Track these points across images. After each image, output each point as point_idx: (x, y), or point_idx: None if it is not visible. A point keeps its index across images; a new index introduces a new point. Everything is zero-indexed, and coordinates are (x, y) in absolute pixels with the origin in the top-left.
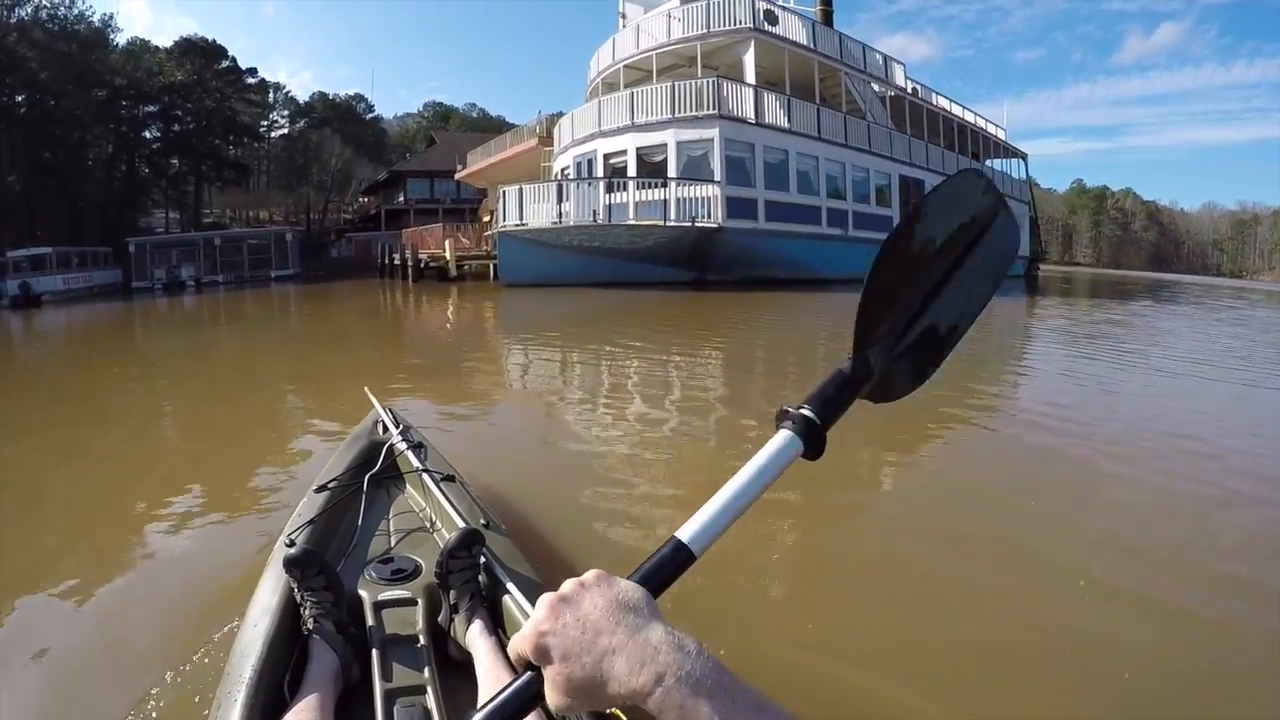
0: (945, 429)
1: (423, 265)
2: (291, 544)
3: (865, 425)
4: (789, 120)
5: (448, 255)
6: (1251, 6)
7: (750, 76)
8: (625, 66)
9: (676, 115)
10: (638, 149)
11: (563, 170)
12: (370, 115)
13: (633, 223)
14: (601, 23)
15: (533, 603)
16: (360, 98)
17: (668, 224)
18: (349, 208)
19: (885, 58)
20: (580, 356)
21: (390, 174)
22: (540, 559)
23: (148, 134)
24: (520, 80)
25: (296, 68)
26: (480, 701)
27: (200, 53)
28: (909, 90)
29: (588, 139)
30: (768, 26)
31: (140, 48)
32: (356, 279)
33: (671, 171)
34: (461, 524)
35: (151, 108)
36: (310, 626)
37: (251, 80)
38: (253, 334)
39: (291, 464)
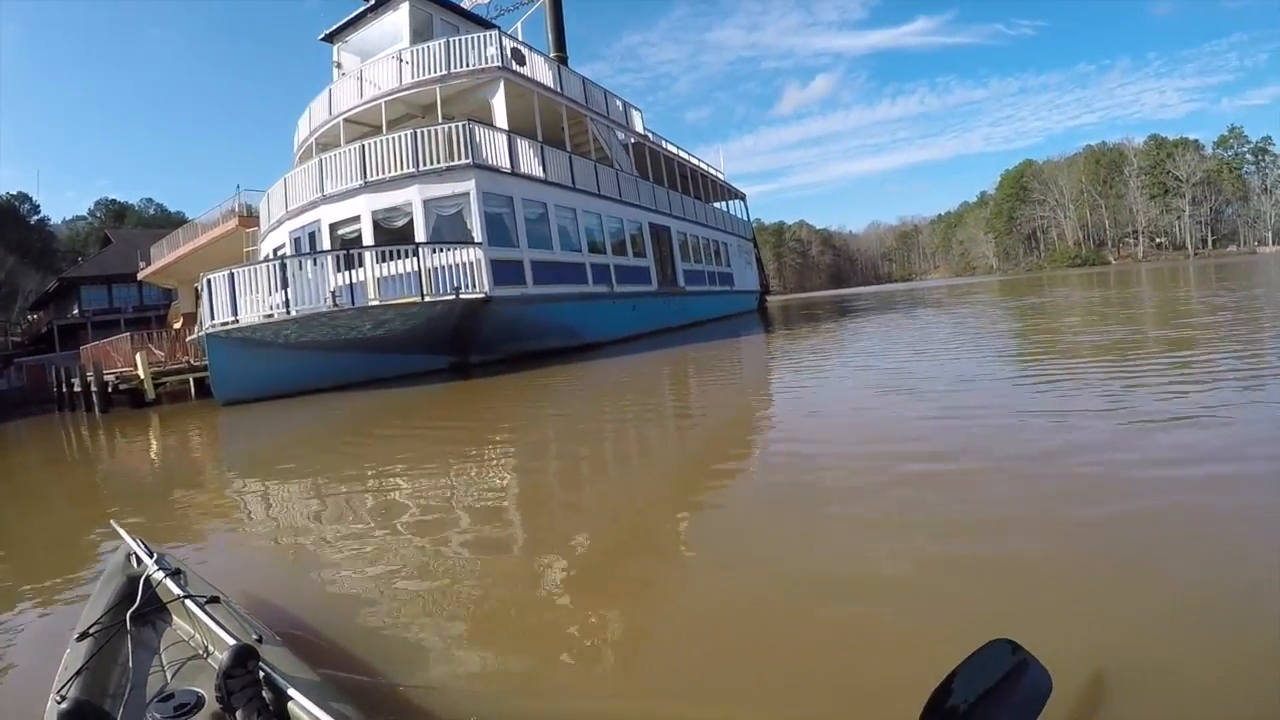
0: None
1: (111, 389)
2: (62, 699)
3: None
4: (544, 170)
5: (141, 373)
6: (891, 54)
7: (501, 121)
8: (346, 121)
9: (422, 169)
10: (374, 213)
11: (275, 250)
12: (36, 218)
13: (383, 302)
14: (293, 100)
15: (321, 707)
16: (25, 197)
17: (426, 299)
18: (16, 328)
19: (625, 104)
20: (337, 487)
21: (61, 282)
22: (321, 664)
23: None
24: (202, 173)
25: None
26: None
27: None
28: (647, 137)
29: (306, 208)
30: (515, 66)
31: None
32: (31, 415)
33: (420, 235)
34: (232, 643)
35: None
36: None
37: None
38: None
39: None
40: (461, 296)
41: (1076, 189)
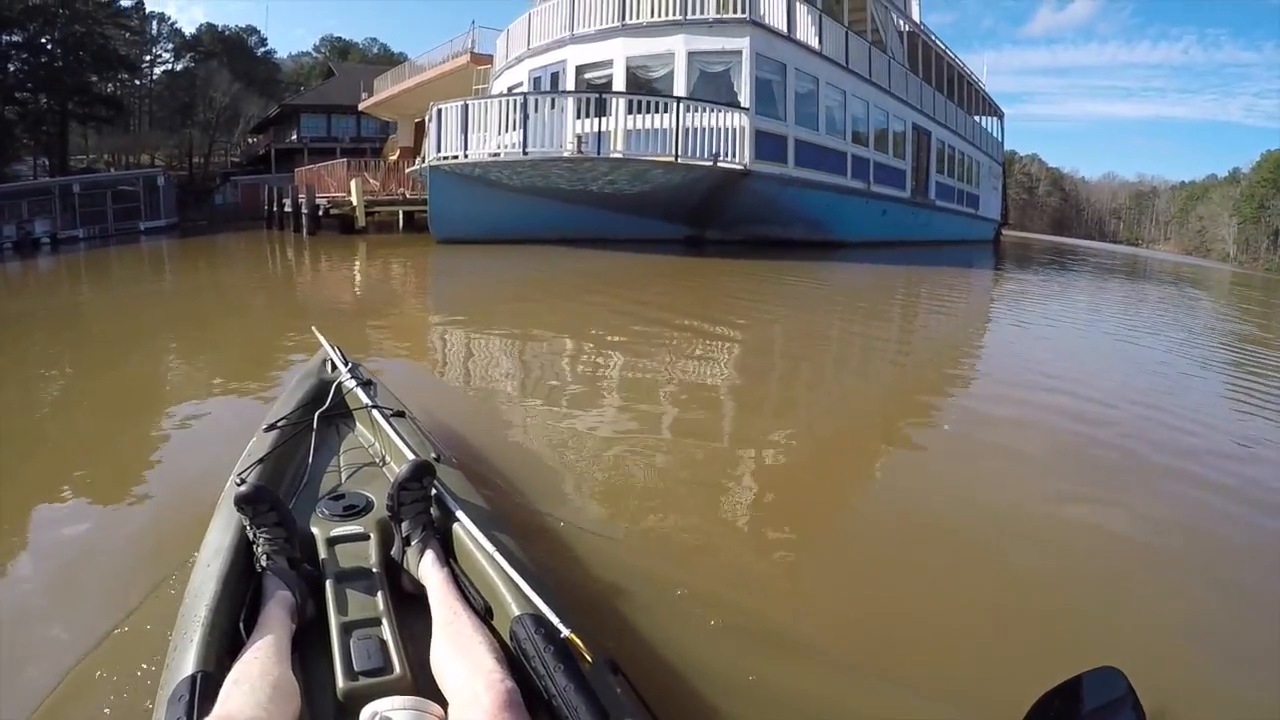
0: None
1: (321, 212)
2: (242, 482)
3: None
4: (820, 41)
5: (354, 199)
6: None
7: None
8: None
9: (689, 17)
10: (629, 59)
11: (511, 89)
12: (263, 50)
13: (632, 156)
14: None
15: (484, 533)
16: (253, 30)
17: (680, 161)
18: (236, 149)
19: None
20: (538, 345)
21: (282, 108)
22: (492, 491)
23: (11, 67)
24: (429, 19)
25: (187, 2)
26: (434, 632)
27: None
28: (920, 27)
29: (551, 46)
30: None
31: None
32: (243, 229)
33: (679, 90)
34: (411, 458)
35: (15, 36)
36: (264, 564)
37: (126, 2)
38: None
39: (232, 405)
40: (719, 164)
41: None
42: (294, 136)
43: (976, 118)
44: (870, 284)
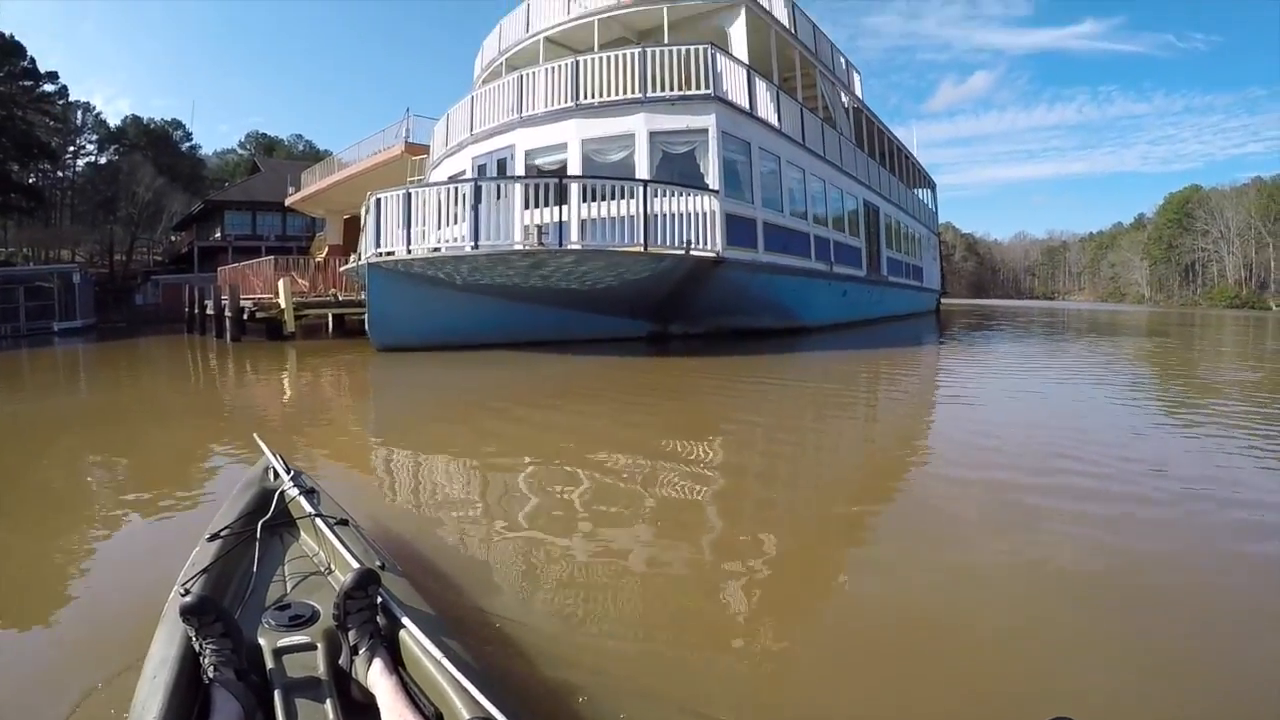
0: None
1: (246, 315)
2: (186, 593)
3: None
4: (779, 119)
5: (282, 301)
6: (1054, 56)
7: (741, 55)
8: (547, 40)
9: (650, 94)
10: (585, 142)
11: (452, 179)
12: (188, 145)
13: (597, 247)
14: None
15: (432, 639)
16: (178, 124)
17: (649, 251)
18: (158, 247)
19: (847, 62)
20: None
21: (206, 204)
22: (438, 598)
23: None
24: (356, 114)
25: (114, 94)
26: None
27: None
28: (863, 104)
29: (498, 131)
30: None
31: None
32: (164, 333)
33: (641, 173)
34: (356, 566)
35: None
36: (211, 675)
37: (50, 88)
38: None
39: (167, 516)
40: (691, 253)
41: (1243, 223)
42: (218, 234)
43: (915, 190)
44: (839, 372)
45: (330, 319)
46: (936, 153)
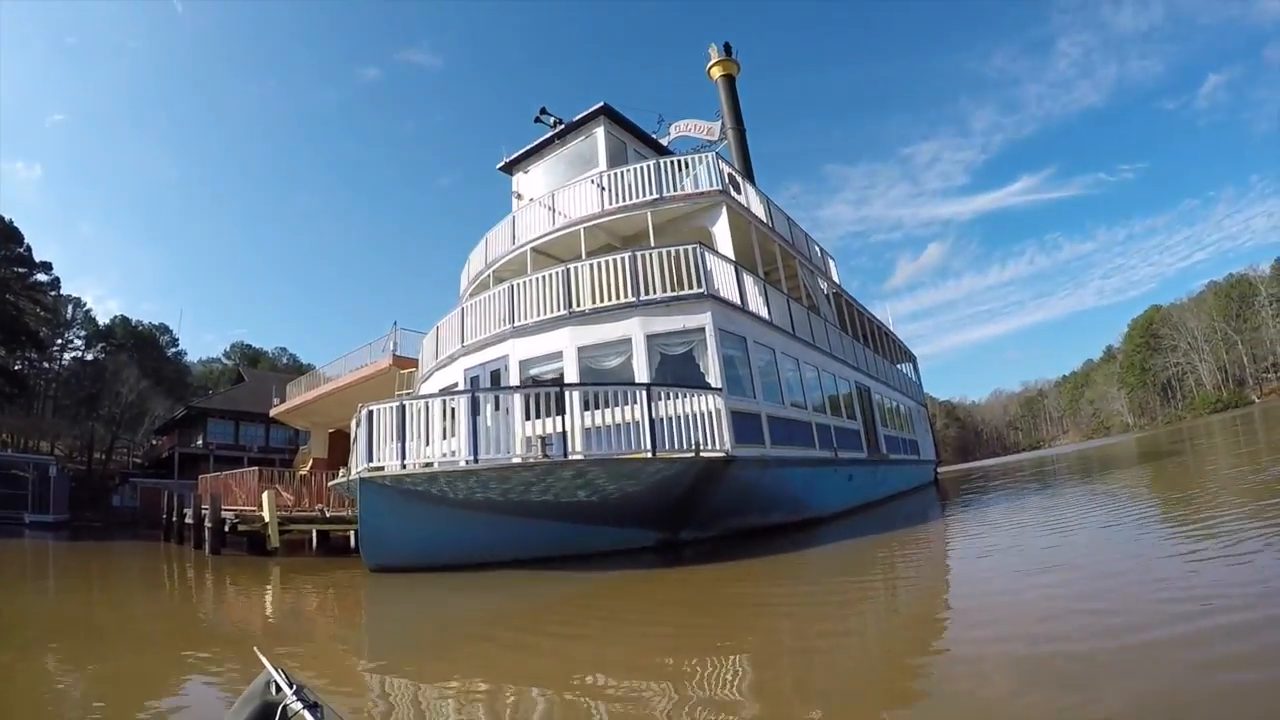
0: None
1: (228, 527)
2: None
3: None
4: (769, 311)
5: (266, 515)
6: (998, 216)
7: (728, 251)
8: (534, 251)
9: (643, 297)
10: (580, 350)
11: (444, 391)
12: (174, 350)
13: (606, 456)
14: (434, 276)
15: None
16: (165, 329)
17: (659, 456)
18: (139, 449)
19: (822, 250)
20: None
21: (189, 410)
22: None
23: None
24: (338, 331)
25: (104, 294)
26: None
27: None
28: (841, 289)
29: (490, 342)
30: (733, 194)
31: None
32: (141, 537)
33: (640, 378)
34: None
35: None
36: None
37: (44, 277)
38: None
39: None
40: (702, 455)
41: (1208, 328)
42: (200, 441)
43: (898, 365)
44: (857, 563)
45: (315, 535)
46: (904, 327)
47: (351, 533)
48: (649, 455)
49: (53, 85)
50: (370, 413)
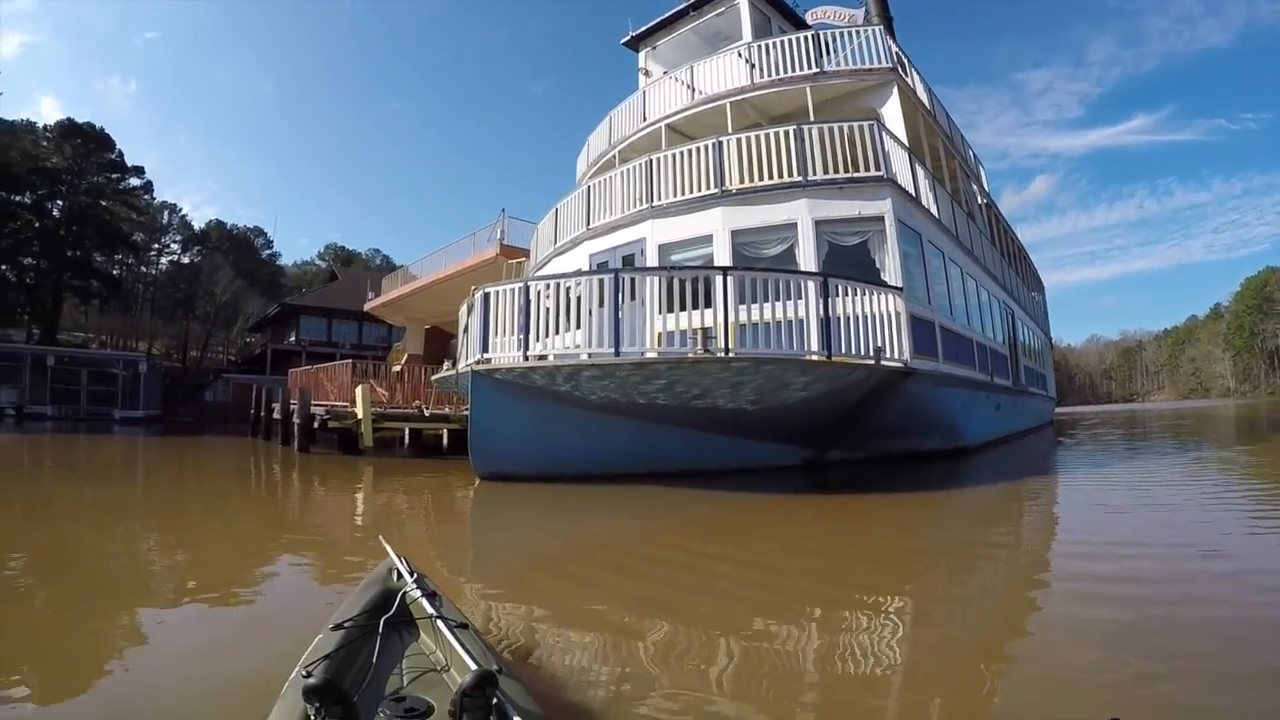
0: None
1: (318, 424)
2: (309, 674)
3: None
4: (938, 210)
5: (359, 411)
6: (1109, 154)
7: (900, 136)
8: (669, 128)
9: (811, 177)
10: (734, 233)
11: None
12: (268, 253)
13: (775, 356)
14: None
15: None
16: (260, 231)
17: (834, 361)
18: (233, 346)
19: (974, 154)
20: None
21: (282, 307)
22: (554, 707)
23: (11, 226)
24: (432, 234)
25: (201, 201)
26: None
27: (81, 137)
28: (991, 200)
29: (623, 223)
30: (902, 74)
31: (23, 127)
32: (231, 432)
33: (808, 267)
34: (475, 667)
35: (21, 197)
36: None
37: (136, 182)
38: None
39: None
40: (882, 363)
41: None
42: (293, 338)
43: (1033, 294)
44: (1017, 508)
45: (407, 433)
46: None
47: (445, 431)
48: (825, 358)
49: (144, 4)
50: (487, 295)
